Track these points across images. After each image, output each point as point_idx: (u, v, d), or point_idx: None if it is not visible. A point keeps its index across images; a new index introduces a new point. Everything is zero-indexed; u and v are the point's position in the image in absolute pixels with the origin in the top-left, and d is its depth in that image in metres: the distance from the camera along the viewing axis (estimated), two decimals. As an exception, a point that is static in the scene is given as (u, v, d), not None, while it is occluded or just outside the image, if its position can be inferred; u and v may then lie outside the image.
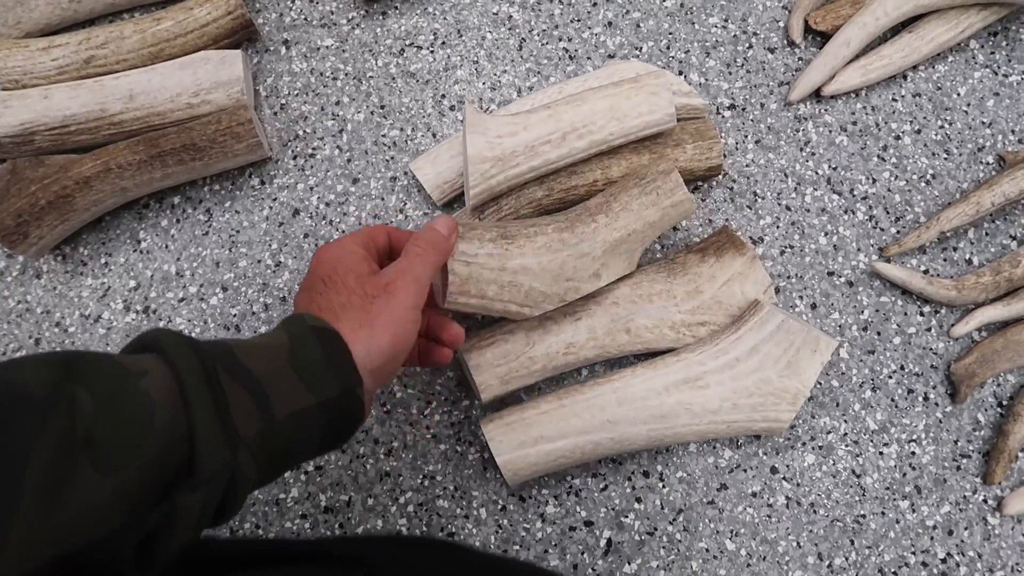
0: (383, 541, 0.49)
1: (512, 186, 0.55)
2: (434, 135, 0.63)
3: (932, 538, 0.54)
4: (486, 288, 0.52)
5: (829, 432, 0.56)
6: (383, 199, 0.62)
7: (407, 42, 0.66)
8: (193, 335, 0.59)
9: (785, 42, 0.65)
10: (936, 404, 0.57)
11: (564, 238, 0.54)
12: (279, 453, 0.35)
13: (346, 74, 0.65)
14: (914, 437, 0.56)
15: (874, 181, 0.61)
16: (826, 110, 0.63)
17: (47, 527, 0.26)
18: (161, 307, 0.60)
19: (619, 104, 0.54)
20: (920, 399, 0.57)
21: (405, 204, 0.61)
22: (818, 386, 0.57)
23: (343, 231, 0.61)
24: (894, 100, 0.63)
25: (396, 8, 0.66)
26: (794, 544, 0.54)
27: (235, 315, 0.59)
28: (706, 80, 0.64)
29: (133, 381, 0.30)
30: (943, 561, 0.54)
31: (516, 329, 0.53)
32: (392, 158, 0.63)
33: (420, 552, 0.42)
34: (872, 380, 0.57)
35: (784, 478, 0.55)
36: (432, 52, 0.65)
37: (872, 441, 0.56)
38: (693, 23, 0.65)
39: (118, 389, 0.29)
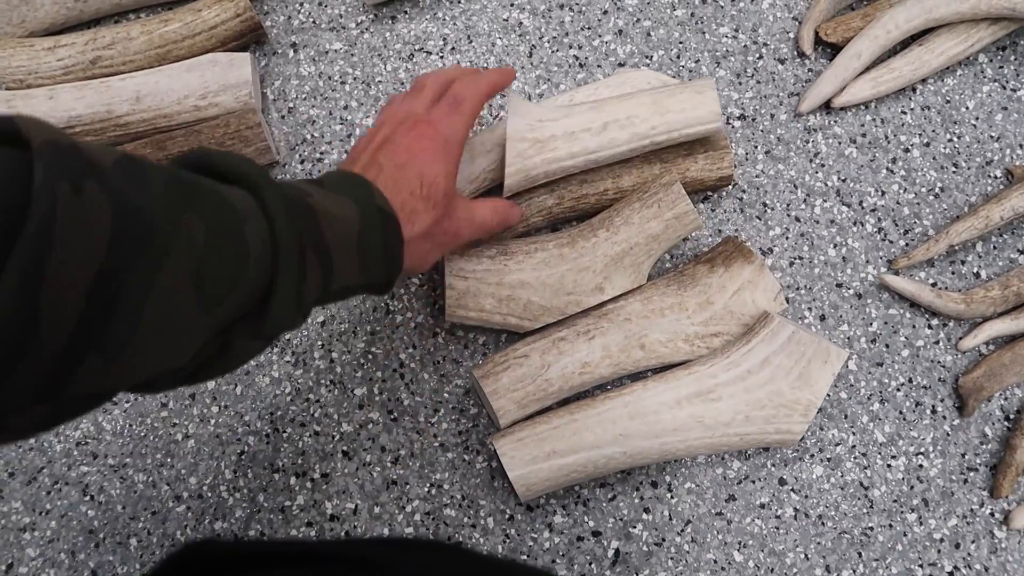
0: (386, 543, 0.49)
1: (549, 173, 0.53)
2: (443, 141, 0.63)
3: (939, 551, 0.54)
4: (483, 301, 0.52)
5: (837, 444, 0.56)
6: (392, 205, 0.61)
7: (417, 47, 0.65)
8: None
9: (795, 53, 0.65)
10: (944, 417, 0.57)
11: (564, 253, 0.54)
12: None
13: (355, 78, 0.65)
14: (922, 450, 0.56)
15: (883, 193, 0.61)
16: (836, 122, 0.63)
17: (151, 355, 0.27)
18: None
19: (662, 100, 0.54)
20: (928, 412, 0.57)
21: (414, 210, 0.61)
22: (827, 398, 0.57)
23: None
24: (903, 113, 0.63)
25: (406, 13, 0.66)
26: (802, 556, 0.54)
27: (241, 320, 0.59)
28: (716, 90, 0.64)
29: (239, 224, 0.30)
30: (950, 574, 0.54)
31: (530, 352, 0.53)
32: (401, 164, 0.62)
33: (423, 554, 0.42)
34: (880, 392, 0.57)
35: (792, 490, 0.55)
36: (442, 58, 0.65)
37: (880, 453, 0.56)
38: (704, 33, 0.65)
39: (227, 229, 0.29)
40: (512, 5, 0.66)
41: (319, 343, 0.58)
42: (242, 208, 0.30)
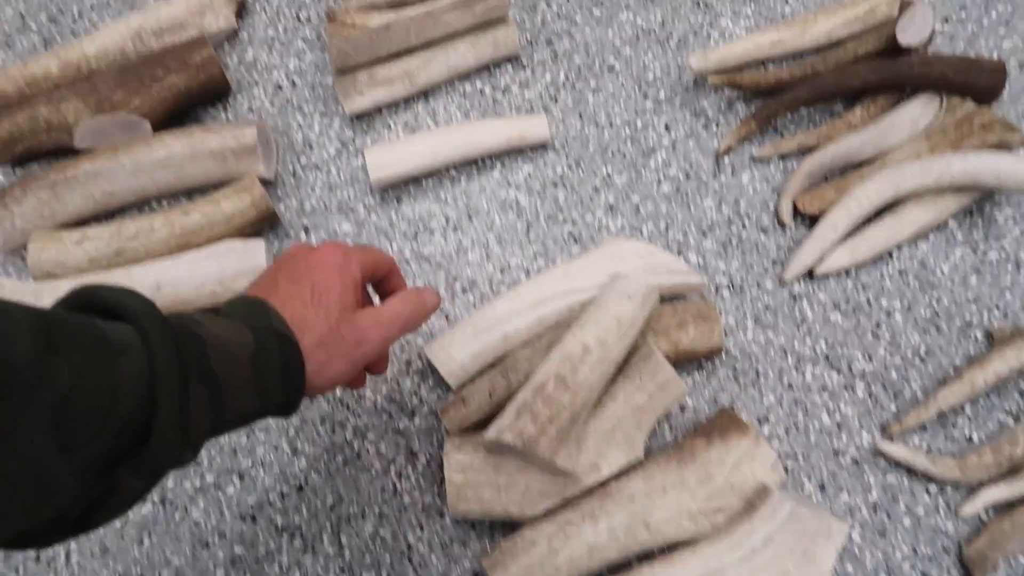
0: None
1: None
2: (447, 318, 0.66)
3: None
4: (483, 492, 0.53)
5: (847, 619, 0.56)
6: (398, 383, 0.63)
7: (421, 226, 0.69)
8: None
9: (776, 223, 0.69)
10: (951, 587, 0.57)
11: None
12: (208, 441, 0.36)
13: (363, 257, 0.68)
14: (933, 623, 0.56)
15: (870, 358, 0.64)
16: (819, 288, 0.66)
17: (12, 507, 0.27)
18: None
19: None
20: (935, 582, 0.57)
21: (420, 387, 0.63)
22: (834, 573, 0.57)
23: (359, 416, 0.62)
24: (882, 278, 0.67)
25: (409, 194, 0.71)
26: None
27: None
28: (704, 260, 0.67)
29: (113, 360, 0.30)
30: None
31: (537, 538, 0.54)
32: (407, 341, 0.65)
33: None
34: (886, 564, 0.57)
35: (806, 670, 0.55)
36: (444, 236, 0.69)
37: (891, 627, 0.56)
38: (689, 206, 0.70)
39: (97, 367, 0.29)
40: (509, 184, 0.71)
41: (328, 526, 0.59)
42: (119, 343, 0.30)
